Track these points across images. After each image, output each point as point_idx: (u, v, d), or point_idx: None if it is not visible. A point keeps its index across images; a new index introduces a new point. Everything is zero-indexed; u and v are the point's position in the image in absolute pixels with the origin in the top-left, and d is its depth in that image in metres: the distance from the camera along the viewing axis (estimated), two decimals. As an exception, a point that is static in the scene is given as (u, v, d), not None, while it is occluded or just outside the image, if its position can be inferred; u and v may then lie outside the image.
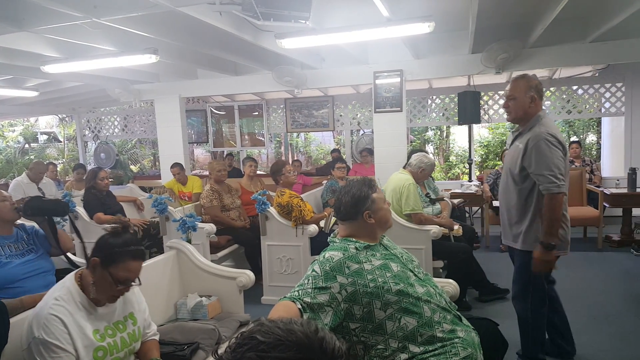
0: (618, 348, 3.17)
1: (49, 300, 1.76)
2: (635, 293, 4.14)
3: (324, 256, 1.85)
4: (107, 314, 1.89)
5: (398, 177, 4.07)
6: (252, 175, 5.48)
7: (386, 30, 3.89)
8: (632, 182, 5.58)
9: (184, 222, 3.27)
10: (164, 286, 2.83)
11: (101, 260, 1.81)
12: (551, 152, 2.52)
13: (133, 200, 5.56)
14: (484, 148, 12.48)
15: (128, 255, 1.83)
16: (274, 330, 0.86)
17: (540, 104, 2.70)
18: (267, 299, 4.26)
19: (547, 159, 2.51)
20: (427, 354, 1.74)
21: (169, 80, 7.07)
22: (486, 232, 6.06)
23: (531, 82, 2.70)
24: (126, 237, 1.88)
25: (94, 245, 1.88)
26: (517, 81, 2.74)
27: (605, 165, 8.44)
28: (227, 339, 2.48)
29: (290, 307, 1.68)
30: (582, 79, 7.37)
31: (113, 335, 1.87)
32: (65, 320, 1.73)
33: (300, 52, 5.59)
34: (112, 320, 1.91)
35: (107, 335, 1.85)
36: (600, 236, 5.66)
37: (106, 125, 9.94)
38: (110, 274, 1.80)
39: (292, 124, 8.79)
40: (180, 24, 4.34)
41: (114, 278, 1.80)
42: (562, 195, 2.52)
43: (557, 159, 2.52)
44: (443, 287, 2.13)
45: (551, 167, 2.50)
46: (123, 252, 1.82)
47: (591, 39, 5.19)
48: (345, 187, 2.01)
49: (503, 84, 7.67)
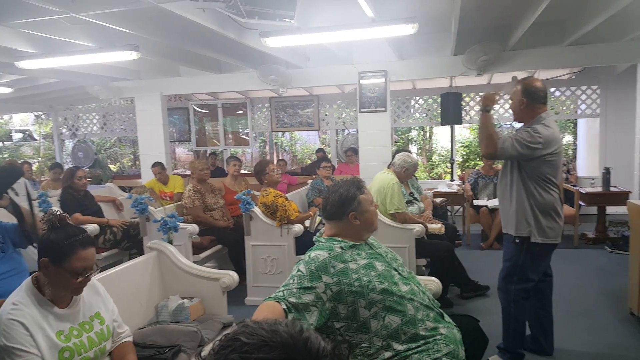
0: (593, 342, 3.25)
1: (7, 307, 1.73)
2: (609, 288, 4.24)
3: (309, 256, 1.85)
4: (70, 314, 1.86)
5: (382, 177, 4.09)
6: (236, 175, 5.45)
7: (371, 30, 3.92)
8: (606, 182, 5.72)
9: (165, 223, 3.24)
10: (144, 288, 2.78)
11: (51, 259, 1.77)
12: (531, 138, 2.64)
13: (112, 200, 5.47)
14: (466, 148, 12.64)
15: (77, 245, 1.79)
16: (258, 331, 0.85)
17: (537, 107, 2.78)
18: (251, 300, 4.24)
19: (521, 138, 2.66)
20: (410, 352, 1.75)
21: (150, 77, 6.98)
22: (467, 230, 6.14)
23: (523, 85, 2.80)
24: (68, 229, 1.83)
25: (38, 246, 1.85)
26: (517, 84, 2.86)
27: (581, 165, 8.61)
28: (210, 341, 2.46)
29: (275, 308, 1.68)
30: (560, 81, 7.52)
31: (79, 336, 1.84)
32: (25, 323, 1.70)
33: (285, 51, 5.58)
34: (77, 321, 1.87)
35: (73, 335, 1.82)
36: (576, 234, 5.80)
37: (84, 123, 9.77)
38: (64, 269, 1.76)
39: (277, 123, 8.77)
40: (163, 20, 4.28)
41: (70, 272, 1.76)
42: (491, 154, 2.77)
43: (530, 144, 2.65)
44: (426, 285, 2.15)
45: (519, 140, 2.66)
46: (70, 244, 1.78)
47: (568, 42, 5.31)
48: (333, 186, 2.01)
49: (484, 86, 7.77)
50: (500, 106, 7.77)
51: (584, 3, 4.56)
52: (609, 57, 5.53)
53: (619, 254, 5.26)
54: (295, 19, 3.44)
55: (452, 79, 7.02)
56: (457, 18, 4.28)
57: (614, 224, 5.91)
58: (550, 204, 2.74)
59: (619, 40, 5.32)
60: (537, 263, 2.84)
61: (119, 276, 2.58)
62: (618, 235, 5.77)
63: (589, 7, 4.49)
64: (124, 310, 2.08)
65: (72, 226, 1.88)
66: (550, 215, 2.74)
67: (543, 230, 2.74)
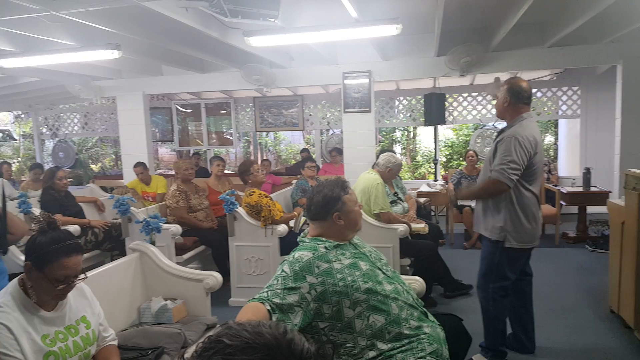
0: (573, 340, 3.30)
1: None
2: (589, 286, 4.31)
3: (293, 256, 1.84)
4: (57, 318, 1.82)
5: (367, 177, 4.11)
6: (220, 175, 5.42)
7: (355, 31, 3.93)
8: (586, 182, 5.81)
9: (148, 224, 3.20)
10: (126, 290, 2.75)
11: (33, 264, 1.74)
12: (516, 150, 2.65)
13: (93, 200, 5.40)
14: (449, 148, 12.74)
15: (60, 252, 1.74)
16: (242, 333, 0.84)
17: (520, 107, 2.81)
18: (235, 301, 4.22)
19: (510, 154, 2.65)
20: (395, 351, 1.76)
21: (132, 76, 6.91)
22: (451, 229, 6.19)
23: (508, 85, 2.84)
24: (54, 234, 1.78)
25: (25, 248, 1.81)
26: (504, 82, 2.89)
27: (562, 165, 8.74)
28: (193, 343, 2.44)
29: (259, 309, 1.67)
30: (541, 82, 7.63)
31: (65, 340, 1.81)
32: (10, 327, 1.66)
33: (269, 51, 5.56)
34: (64, 324, 1.84)
35: (58, 339, 1.79)
36: (557, 233, 5.89)
37: (65, 122, 9.63)
38: (45, 276, 1.72)
39: (261, 122, 8.74)
40: (145, 19, 4.24)
41: (51, 279, 1.73)
42: (504, 187, 2.69)
43: (519, 159, 2.65)
44: (410, 284, 2.15)
45: (511, 162, 2.65)
46: (54, 251, 1.73)
47: (549, 44, 5.39)
48: (318, 187, 2.01)
49: (467, 87, 7.85)
50: (483, 107, 7.86)
51: (565, 5, 4.63)
52: (589, 58, 5.63)
53: (600, 253, 5.35)
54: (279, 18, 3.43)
55: (436, 80, 7.08)
56: (440, 19, 4.31)
57: (594, 223, 6.01)
58: (527, 206, 2.77)
59: (598, 42, 5.43)
60: (513, 263, 2.87)
61: (100, 278, 2.54)
62: (598, 235, 5.88)
63: (570, 9, 4.57)
64: (106, 312, 2.06)
65: (61, 231, 1.83)
66: (526, 219, 2.77)
67: (519, 233, 2.76)
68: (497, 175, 2.68)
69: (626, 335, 3.28)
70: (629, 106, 5.43)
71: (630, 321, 3.23)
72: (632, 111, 5.42)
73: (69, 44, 4.46)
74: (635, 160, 5.12)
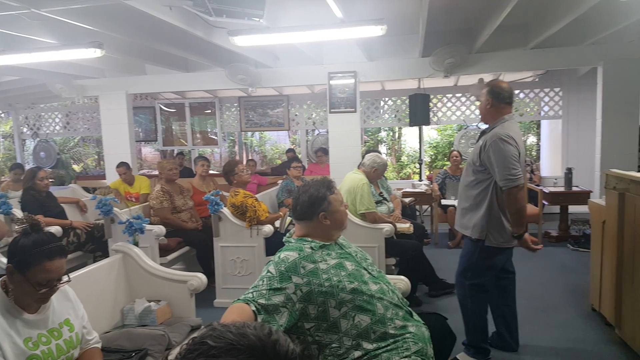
0: (556, 337, 3.34)
1: None
2: (571, 285, 4.37)
3: (279, 257, 1.84)
4: (40, 320, 1.79)
5: (352, 177, 4.11)
6: (205, 175, 5.38)
7: (340, 31, 3.94)
8: (568, 181, 5.90)
9: (131, 224, 3.17)
10: (109, 291, 2.72)
11: (15, 266, 1.71)
12: (506, 149, 2.67)
13: (75, 201, 5.32)
14: (433, 149, 12.83)
15: (42, 256, 1.71)
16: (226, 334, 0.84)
17: (503, 108, 2.84)
18: (220, 302, 4.19)
19: (502, 157, 2.67)
20: (380, 350, 1.76)
21: (115, 75, 6.83)
22: (435, 229, 6.22)
23: (490, 87, 2.87)
24: (37, 237, 1.75)
25: (7, 250, 1.78)
26: (485, 85, 2.92)
27: (544, 165, 8.86)
28: (177, 345, 2.42)
29: (244, 310, 1.66)
30: (524, 83, 7.72)
31: (47, 343, 1.78)
32: None
33: (254, 50, 5.54)
34: (46, 327, 1.81)
35: (41, 342, 1.76)
36: (540, 232, 5.95)
37: (46, 122, 9.49)
38: (27, 279, 1.69)
39: (246, 122, 8.71)
40: (128, 17, 4.19)
41: (33, 282, 1.70)
42: (517, 187, 2.67)
43: (510, 154, 2.67)
44: (395, 284, 2.16)
45: (507, 164, 2.66)
46: (35, 254, 1.71)
47: (532, 45, 5.46)
48: (303, 187, 2.01)
49: (451, 88, 7.92)
50: (467, 108, 7.93)
51: (547, 8, 4.69)
52: (570, 60, 5.72)
53: (581, 252, 5.43)
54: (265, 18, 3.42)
55: (420, 81, 7.13)
56: (425, 20, 4.34)
57: (576, 223, 6.10)
58: None
59: (580, 44, 5.52)
60: (492, 261, 2.91)
61: (83, 279, 2.51)
62: (580, 234, 5.97)
63: (552, 12, 4.63)
64: (88, 314, 2.03)
65: (44, 234, 1.80)
66: (506, 218, 2.79)
67: (499, 233, 2.79)
68: (504, 185, 2.67)
69: (607, 332, 3.34)
70: (609, 107, 5.53)
71: (611, 319, 3.28)
72: (613, 112, 5.51)
73: (50, 42, 4.40)
74: (616, 161, 5.22)
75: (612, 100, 5.51)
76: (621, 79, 5.46)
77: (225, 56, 5.90)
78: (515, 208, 2.70)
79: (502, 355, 3.10)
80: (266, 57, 6.05)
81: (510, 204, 2.70)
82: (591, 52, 5.53)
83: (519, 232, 2.74)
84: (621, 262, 3.10)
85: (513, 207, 2.70)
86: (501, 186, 2.69)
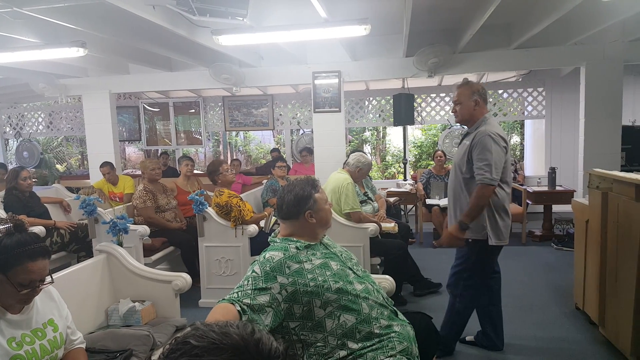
0: (541, 336, 3.38)
1: None
2: (555, 284, 4.42)
3: (264, 256, 1.84)
4: (23, 321, 1.77)
5: (337, 177, 4.12)
6: (189, 175, 5.34)
7: (324, 31, 3.94)
8: (552, 181, 5.97)
9: (115, 224, 3.14)
10: (93, 292, 2.70)
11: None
12: (493, 148, 2.70)
13: (59, 201, 5.26)
14: (418, 148, 12.90)
15: (24, 256, 1.69)
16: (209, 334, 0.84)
17: (484, 107, 2.89)
18: (205, 302, 4.17)
19: (488, 154, 2.69)
20: (365, 350, 1.77)
21: (98, 74, 6.77)
22: (420, 229, 6.26)
23: (474, 87, 2.90)
24: (20, 237, 1.73)
25: None
26: (462, 87, 2.92)
27: (528, 164, 8.96)
28: (162, 345, 2.41)
29: (229, 310, 1.65)
30: (507, 83, 7.81)
31: (31, 343, 1.76)
32: None
33: (238, 50, 5.52)
34: (30, 327, 1.79)
35: (25, 342, 1.74)
36: (524, 231, 6.02)
37: (29, 121, 9.37)
38: (9, 279, 1.67)
39: (230, 122, 8.67)
40: (111, 16, 4.15)
41: (15, 283, 1.68)
42: (492, 188, 2.70)
43: (498, 156, 2.71)
44: (380, 283, 2.18)
45: (490, 161, 2.68)
46: (18, 254, 1.68)
47: (515, 45, 5.52)
48: (288, 186, 2.01)
49: (435, 87, 7.98)
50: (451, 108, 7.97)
51: (530, 8, 4.75)
52: (553, 60, 5.79)
53: (565, 251, 5.50)
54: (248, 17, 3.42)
55: (404, 81, 7.17)
56: (409, 20, 4.36)
57: (559, 222, 6.18)
58: (501, 204, 2.82)
59: (563, 44, 5.59)
60: (490, 260, 2.94)
61: (67, 280, 2.48)
62: (563, 233, 6.04)
63: (535, 12, 4.69)
64: (72, 314, 2.01)
65: (28, 234, 1.77)
66: (501, 215, 2.82)
67: (495, 231, 2.80)
68: (480, 179, 2.70)
69: (591, 331, 3.38)
70: (592, 107, 5.60)
71: (594, 317, 3.32)
72: (595, 112, 5.58)
73: (33, 41, 4.35)
74: (599, 160, 5.30)
75: (595, 100, 5.58)
76: (604, 78, 5.53)
77: (209, 55, 5.87)
78: (480, 202, 2.72)
79: (487, 354, 3.13)
80: (250, 56, 6.03)
81: (478, 197, 2.71)
82: (574, 52, 5.61)
83: (467, 224, 2.77)
84: (605, 261, 3.13)
85: (479, 201, 2.72)
86: (477, 179, 2.72)
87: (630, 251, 2.77)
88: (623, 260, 2.88)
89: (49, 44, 4.29)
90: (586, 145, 5.65)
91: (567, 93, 7.42)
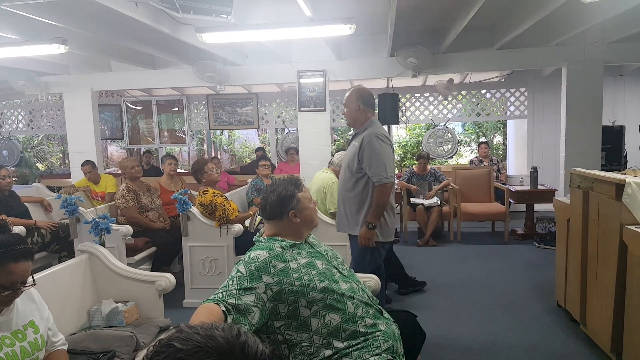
0: (523, 333, 3.42)
1: None
2: (537, 282, 4.48)
3: (249, 256, 1.82)
4: (3, 323, 1.74)
5: (322, 177, 4.12)
6: (173, 174, 5.29)
7: (309, 29, 3.93)
8: (534, 180, 6.05)
9: (97, 224, 3.09)
10: (75, 292, 2.66)
11: None
12: (382, 148, 2.88)
13: (39, 200, 5.16)
14: (402, 148, 12.96)
15: (7, 257, 1.66)
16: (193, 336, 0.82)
17: (369, 111, 3.05)
18: (189, 302, 4.13)
19: (378, 154, 2.87)
20: (351, 349, 1.77)
21: (80, 72, 6.67)
22: (404, 227, 6.29)
23: (359, 93, 3.05)
24: (2, 238, 1.70)
25: None
26: (350, 93, 3.08)
27: (511, 164, 9.06)
28: (146, 346, 2.38)
29: (213, 310, 1.64)
30: (490, 83, 7.88)
31: (12, 345, 1.73)
32: None
33: (222, 48, 5.48)
34: (10, 329, 1.76)
35: (5, 344, 1.71)
36: (506, 230, 6.08)
37: (9, 119, 9.18)
38: None
39: (215, 120, 8.61)
40: (93, 12, 4.09)
41: None
42: (390, 185, 2.89)
43: (387, 155, 2.90)
44: (365, 282, 2.18)
45: (382, 161, 2.86)
46: (0, 255, 1.66)
47: (498, 46, 5.58)
48: (271, 186, 2.00)
49: (420, 87, 8.02)
50: (435, 107, 8.04)
51: (513, 9, 4.80)
52: (535, 60, 5.86)
53: (547, 249, 5.57)
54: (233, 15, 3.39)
55: (389, 80, 7.19)
56: (393, 20, 4.37)
57: (541, 221, 6.25)
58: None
59: (545, 45, 5.66)
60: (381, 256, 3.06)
61: (48, 280, 2.44)
62: (545, 231, 6.10)
63: (517, 13, 4.74)
64: (54, 315, 1.98)
65: (11, 235, 1.74)
66: (387, 212, 2.96)
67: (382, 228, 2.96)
68: (378, 180, 2.85)
69: (572, 328, 3.42)
70: (573, 107, 5.67)
71: (576, 315, 3.38)
72: (576, 112, 5.66)
73: (12, 37, 4.26)
74: (580, 159, 5.38)
75: (576, 100, 5.66)
76: (585, 79, 5.61)
77: (192, 53, 5.82)
78: (381, 201, 2.88)
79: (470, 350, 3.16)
80: (235, 54, 6.00)
81: (379, 196, 2.87)
82: (555, 53, 5.68)
83: (375, 224, 2.90)
84: (586, 259, 3.18)
85: (380, 199, 2.88)
86: (374, 181, 2.87)
87: (611, 249, 2.81)
88: (603, 259, 2.93)
89: (29, 40, 4.21)
90: (567, 145, 5.73)
91: (549, 93, 7.53)
